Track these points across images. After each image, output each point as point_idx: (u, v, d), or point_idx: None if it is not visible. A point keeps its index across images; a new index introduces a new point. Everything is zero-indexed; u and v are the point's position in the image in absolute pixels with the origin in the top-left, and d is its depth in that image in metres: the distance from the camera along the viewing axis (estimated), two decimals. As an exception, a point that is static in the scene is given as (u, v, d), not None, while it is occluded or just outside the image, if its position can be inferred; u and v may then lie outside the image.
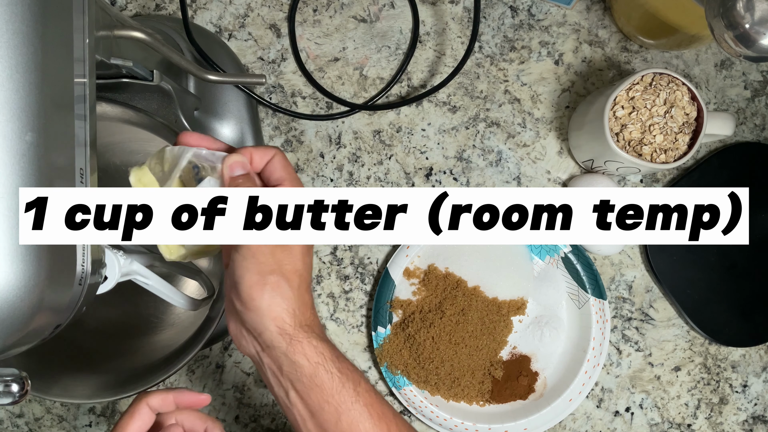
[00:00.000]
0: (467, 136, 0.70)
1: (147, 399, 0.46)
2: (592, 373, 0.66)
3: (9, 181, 0.31)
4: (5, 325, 0.32)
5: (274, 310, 0.40)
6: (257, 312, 0.41)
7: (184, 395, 0.47)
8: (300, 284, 0.42)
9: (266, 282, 0.40)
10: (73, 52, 0.36)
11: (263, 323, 0.41)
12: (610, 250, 0.67)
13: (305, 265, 0.42)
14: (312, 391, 0.41)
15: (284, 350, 0.41)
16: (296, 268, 0.42)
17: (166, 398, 0.46)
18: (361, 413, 0.41)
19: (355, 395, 0.41)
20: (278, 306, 0.40)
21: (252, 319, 0.41)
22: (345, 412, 0.41)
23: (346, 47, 0.71)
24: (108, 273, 0.47)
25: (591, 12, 0.71)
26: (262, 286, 0.40)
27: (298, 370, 0.41)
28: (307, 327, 0.41)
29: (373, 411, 0.42)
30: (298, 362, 0.41)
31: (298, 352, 0.41)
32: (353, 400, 0.41)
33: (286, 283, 0.41)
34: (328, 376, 0.41)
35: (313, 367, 0.41)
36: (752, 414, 0.70)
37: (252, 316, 0.41)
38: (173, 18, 0.70)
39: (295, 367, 0.41)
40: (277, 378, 0.42)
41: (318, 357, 0.41)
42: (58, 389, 0.55)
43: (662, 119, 0.60)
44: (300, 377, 0.41)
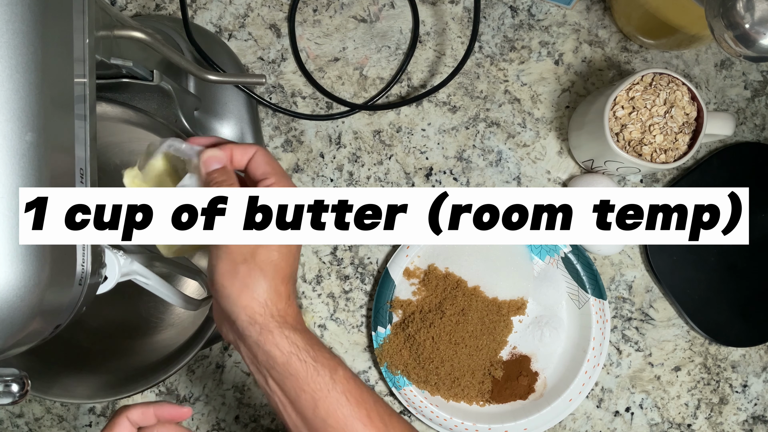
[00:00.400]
0: (467, 136, 0.70)
1: (127, 412, 0.46)
2: (592, 373, 0.66)
3: (9, 181, 0.31)
4: (5, 325, 0.32)
5: (243, 299, 0.41)
6: (228, 300, 0.41)
7: (164, 408, 0.47)
8: (275, 275, 0.42)
9: (237, 271, 0.41)
10: (73, 52, 0.36)
11: (234, 311, 0.41)
12: (610, 250, 0.67)
13: (282, 255, 0.42)
14: (287, 379, 0.41)
15: (255, 339, 0.41)
16: (271, 259, 0.42)
17: (146, 412, 0.46)
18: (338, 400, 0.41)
19: (331, 383, 0.41)
20: (247, 295, 0.41)
21: (225, 306, 0.41)
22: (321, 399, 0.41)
23: (346, 47, 0.71)
24: (108, 273, 0.47)
25: (591, 12, 0.71)
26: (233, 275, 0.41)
27: (271, 359, 0.41)
28: (279, 317, 0.41)
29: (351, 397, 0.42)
30: (270, 352, 0.41)
31: (269, 342, 0.41)
32: (329, 388, 0.41)
33: (258, 273, 0.41)
34: (302, 365, 0.41)
35: (286, 356, 0.41)
36: (752, 414, 0.70)
37: (224, 303, 0.41)
38: (173, 18, 0.70)
39: (267, 357, 0.41)
40: (255, 366, 0.43)
41: (290, 347, 0.41)
42: (58, 389, 0.55)
43: (662, 119, 0.60)
44: (274, 365, 0.41)
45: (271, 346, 0.41)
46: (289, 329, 0.41)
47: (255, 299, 0.41)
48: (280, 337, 0.41)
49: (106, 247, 0.45)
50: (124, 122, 0.55)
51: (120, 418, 0.45)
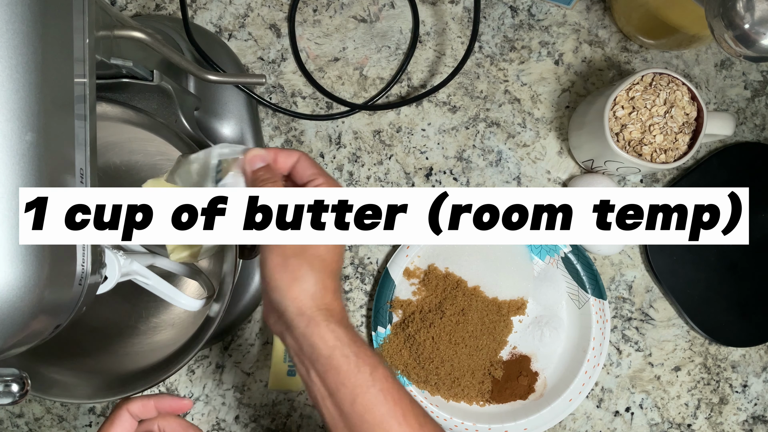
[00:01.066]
0: (467, 136, 0.70)
1: (127, 405, 0.46)
2: (592, 373, 0.66)
3: (9, 181, 0.31)
4: (5, 325, 0.32)
5: (293, 291, 0.42)
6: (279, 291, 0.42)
7: (165, 401, 0.47)
8: (322, 269, 0.43)
9: (288, 264, 0.42)
10: (73, 52, 0.36)
11: (284, 303, 0.42)
12: (610, 250, 0.67)
13: (329, 251, 0.44)
14: (329, 372, 0.42)
15: (302, 331, 0.42)
16: (319, 254, 0.43)
17: (147, 404, 0.47)
18: (376, 397, 0.42)
19: (371, 379, 0.42)
20: (297, 287, 0.42)
21: (274, 298, 0.43)
22: (360, 394, 0.42)
23: (346, 47, 0.71)
24: (108, 273, 0.47)
25: (591, 12, 0.71)
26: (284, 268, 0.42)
27: (316, 351, 0.42)
28: (326, 311, 0.42)
29: (389, 396, 0.42)
30: (315, 344, 0.42)
31: (315, 334, 0.42)
32: (369, 384, 0.42)
33: (307, 267, 0.42)
34: (344, 360, 0.42)
35: (330, 350, 0.42)
36: (752, 414, 0.70)
37: (275, 295, 0.42)
38: (173, 18, 0.70)
39: (313, 349, 0.42)
40: (299, 357, 0.43)
41: (335, 341, 0.42)
42: (58, 389, 0.55)
43: (662, 119, 0.60)
44: (318, 358, 0.42)
45: (316, 339, 0.42)
46: (335, 323, 0.42)
47: (304, 291, 0.42)
48: (325, 330, 0.42)
49: (106, 247, 0.45)
50: (124, 122, 0.55)
51: (120, 411, 0.46)
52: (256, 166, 0.45)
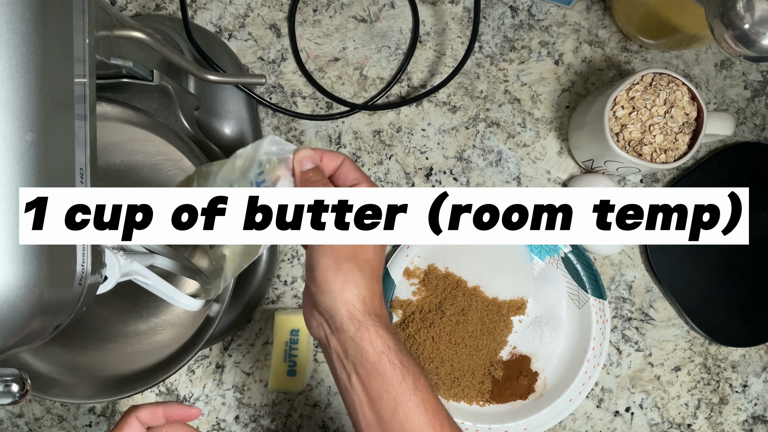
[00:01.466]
0: (467, 136, 0.70)
1: (137, 412, 0.47)
2: (592, 373, 0.66)
3: (9, 181, 0.31)
4: (5, 325, 0.32)
5: (345, 294, 0.42)
6: (330, 294, 0.42)
7: (173, 409, 0.48)
8: (371, 274, 0.43)
9: (341, 268, 0.42)
10: (73, 52, 0.36)
11: (335, 306, 0.42)
12: (610, 250, 0.67)
13: (377, 256, 0.44)
14: (374, 378, 0.42)
15: (352, 335, 0.42)
16: (368, 259, 0.43)
17: (156, 411, 0.47)
18: (417, 406, 0.42)
19: (413, 388, 0.42)
20: (350, 291, 0.42)
21: (324, 301, 0.42)
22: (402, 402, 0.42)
23: (346, 47, 0.71)
24: (108, 273, 0.47)
25: (591, 12, 0.71)
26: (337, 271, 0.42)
27: (363, 356, 0.42)
28: (375, 316, 0.43)
29: (429, 406, 0.43)
30: (363, 348, 0.42)
31: (364, 339, 0.42)
32: (411, 393, 0.42)
33: (358, 271, 0.42)
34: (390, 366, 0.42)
35: (378, 355, 0.42)
36: (752, 414, 0.70)
37: (325, 298, 0.42)
38: (173, 18, 0.70)
39: (360, 353, 0.42)
40: (341, 361, 0.43)
41: (383, 346, 0.42)
42: (58, 389, 0.55)
43: (662, 119, 0.60)
44: (363, 363, 0.42)
45: (365, 343, 0.42)
46: (383, 329, 0.43)
47: (357, 296, 0.42)
48: (375, 335, 0.42)
49: (107, 247, 0.45)
50: (124, 122, 0.55)
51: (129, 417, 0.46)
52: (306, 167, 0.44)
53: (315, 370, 0.69)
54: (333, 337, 0.43)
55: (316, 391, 0.69)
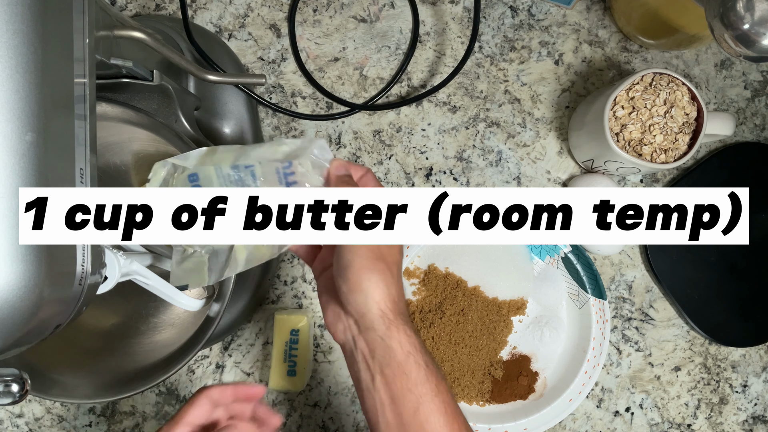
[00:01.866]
0: (467, 136, 0.70)
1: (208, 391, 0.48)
2: (592, 373, 0.66)
3: (9, 181, 0.31)
4: (5, 325, 0.32)
5: (378, 293, 0.42)
6: (364, 294, 0.42)
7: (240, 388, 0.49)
8: (399, 275, 0.44)
9: (375, 267, 0.43)
10: (73, 52, 0.36)
11: (367, 305, 0.42)
12: (610, 250, 0.67)
13: (402, 257, 0.45)
14: (399, 377, 0.42)
15: (381, 333, 0.42)
16: (396, 260, 0.44)
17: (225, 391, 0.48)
18: (438, 408, 0.42)
19: (435, 390, 0.43)
20: (382, 291, 0.42)
21: (356, 300, 0.43)
22: (424, 403, 0.42)
23: (346, 47, 0.71)
24: (108, 273, 0.47)
25: (591, 12, 0.71)
26: (371, 271, 0.42)
27: (390, 356, 0.42)
28: (403, 316, 0.43)
29: (449, 409, 0.43)
30: (392, 347, 0.42)
31: (393, 338, 0.42)
32: (433, 395, 0.42)
33: (389, 272, 0.43)
34: (416, 367, 0.42)
35: (405, 355, 0.42)
36: (752, 414, 0.70)
37: (357, 297, 0.42)
38: (173, 18, 0.70)
39: (388, 352, 0.42)
40: (366, 362, 0.43)
41: (410, 347, 0.42)
42: (58, 389, 0.55)
43: (662, 119, 0.60)
44: (390, 362, 0.42)
45: (395, 343, 0.42)
46: (411, 329, 0.43)
47: (388, 295, 0.43)
48: (403, 335, 0.42)
49: (107, 247, 0.45)
50: (124, 122, 0.55)
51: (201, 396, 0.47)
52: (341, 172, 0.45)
53: (315, 370, 0.69)
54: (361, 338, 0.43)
55: (316, 391, 0.69)
